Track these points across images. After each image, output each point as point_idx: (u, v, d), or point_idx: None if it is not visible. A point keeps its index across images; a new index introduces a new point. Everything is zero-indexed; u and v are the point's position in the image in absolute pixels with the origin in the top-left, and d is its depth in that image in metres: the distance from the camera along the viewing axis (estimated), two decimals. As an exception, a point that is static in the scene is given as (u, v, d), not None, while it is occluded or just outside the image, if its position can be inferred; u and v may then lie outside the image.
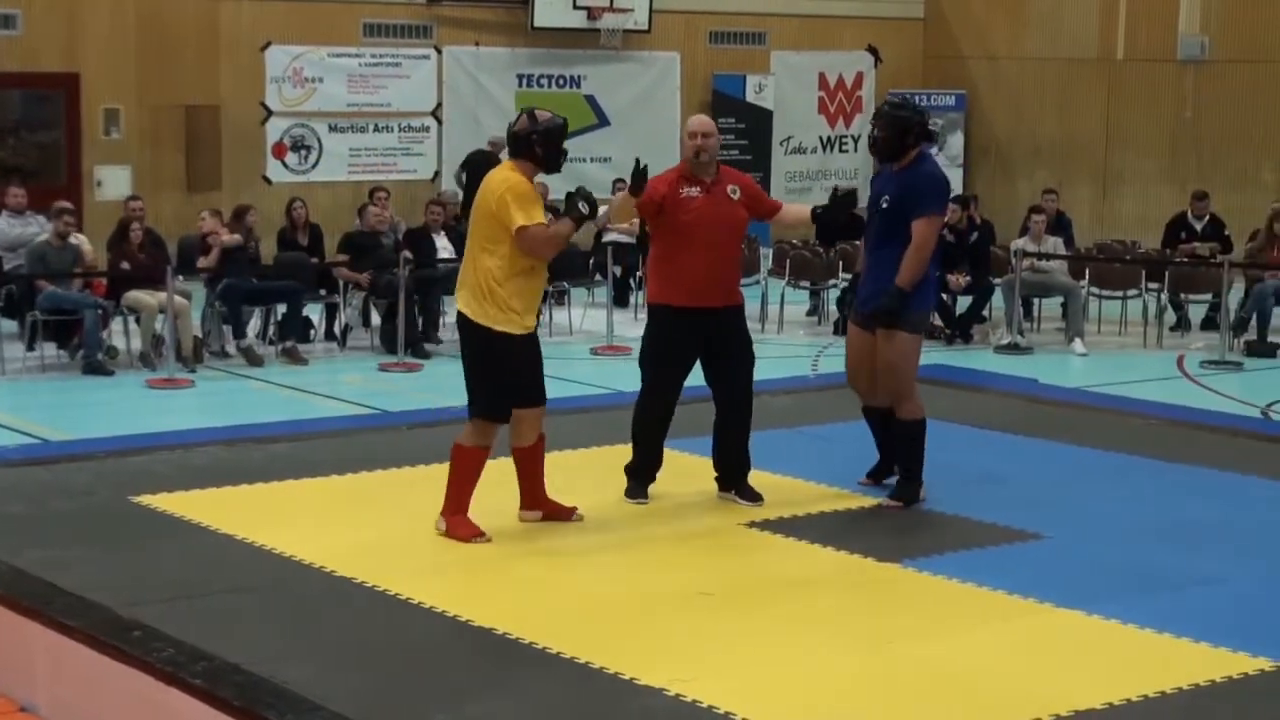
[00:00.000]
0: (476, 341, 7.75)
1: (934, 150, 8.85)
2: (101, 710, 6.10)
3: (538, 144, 7.91)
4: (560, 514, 8.04)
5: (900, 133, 8.43)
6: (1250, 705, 5.80)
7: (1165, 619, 6.53)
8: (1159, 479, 9.15)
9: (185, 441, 9.72)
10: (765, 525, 7.94)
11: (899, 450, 8.42)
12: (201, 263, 14.75)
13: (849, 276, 17.24)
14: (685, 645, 6.27)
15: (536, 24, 21.26)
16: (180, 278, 14.21)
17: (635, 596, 6.90)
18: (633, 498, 8.49)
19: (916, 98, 23.27)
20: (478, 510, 7.78)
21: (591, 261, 17.50)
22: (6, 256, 15.02)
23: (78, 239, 14.62)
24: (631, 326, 16.65)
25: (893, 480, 8.50)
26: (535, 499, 8.06)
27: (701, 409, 9.45)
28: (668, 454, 8.69)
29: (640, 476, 8.58)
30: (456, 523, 7.68)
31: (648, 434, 8.55)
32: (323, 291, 15.63)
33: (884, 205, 8.43)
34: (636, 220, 18.34)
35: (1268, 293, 15.85)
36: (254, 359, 14.22)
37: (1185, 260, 16.99)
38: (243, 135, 19.89)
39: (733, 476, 8.47)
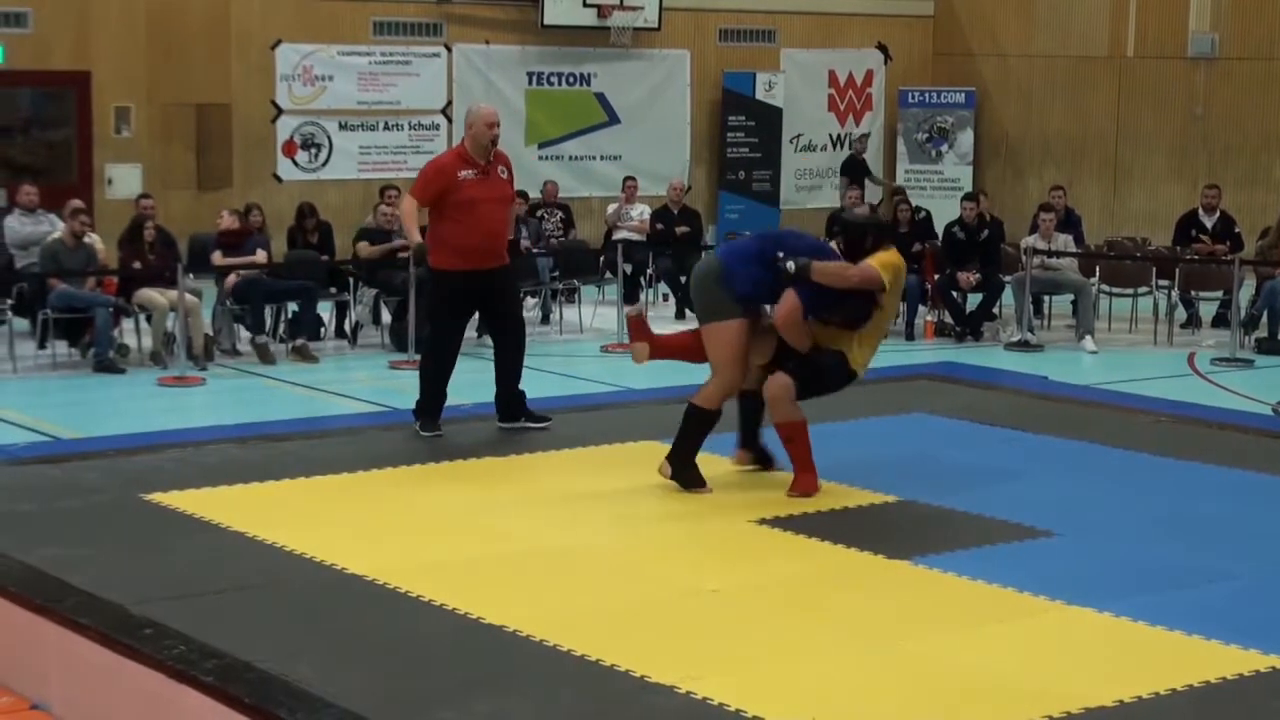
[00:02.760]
0: None
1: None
2: (113, 708, 6.11)
3: None
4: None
5: (859, 238, 8.57)
6: (1262, 703, 5.80)
7: (1176, 616, 6.53)
8: (1169, 476, 9.14)
9: (196, 439, 9.75)
10: (775, 522, 7.94)
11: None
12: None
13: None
14: (695, 643, 6.27)
15: (546, 22, 21.25)
16: (191, 276, 14.23)
17: (644, 594, 6.91)
18: (431, 431, 9.71)
19: (926, 95, 23.50)
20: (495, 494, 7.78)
21: (602, 259, 17.52)
22: (18, 255, 15.07)
23: (91, 238, 14.66)
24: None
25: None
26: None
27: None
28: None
29: (434, 413, 9.86)
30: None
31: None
32: (333, 289, 15.65)
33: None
34: (646, 219, 18.40)
35: (1278, 290, 15.83)
36: (266, 356, 14.24)
37: (1196, 258, 16.97)
38: (253, 133, 19.91)
39: (516, 408, 9.91)
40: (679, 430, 8.52)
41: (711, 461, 8.78)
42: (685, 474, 8.49)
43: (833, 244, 8.99)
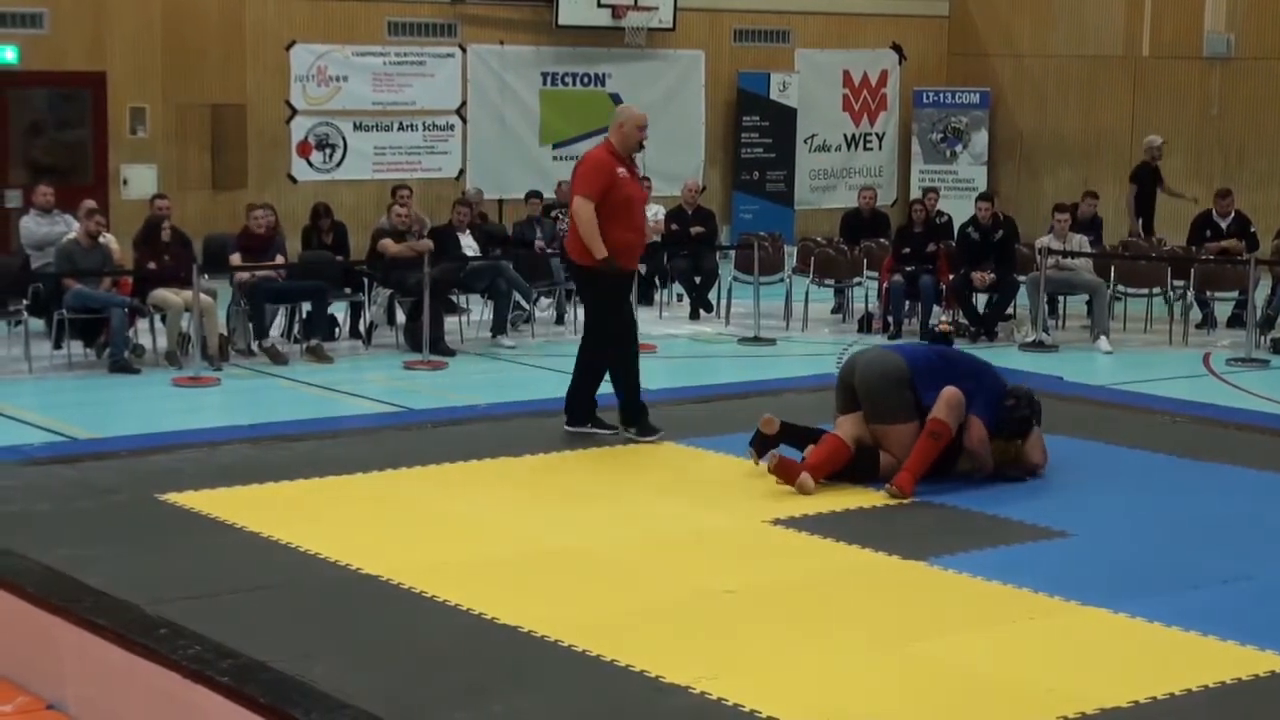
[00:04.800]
0: None
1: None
2: (128, 707, 6.12)
3: None
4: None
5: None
6: (1278, 704, 5.79)
7: (1191, 617, 6.51)
8: (1185, 477, 9.12)
9: (211, 440, 9.75)
10: (789, 523, 7.93)
11: None
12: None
13: (874, 275, 17.26)
14: (709, 643, 6.27)
15: (561, 22, 21.27)
16: (206, 276, 14.25)
17: (659, 594, 6.91)
18: (653, 437, 9.58)
19: (941, 95, 23.48)
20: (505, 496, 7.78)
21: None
22: (34, 255, 15.10)
23: (106, 238, 14.69)
24: (657, 324, 16.68)
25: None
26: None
27: (724, 407, 9.49)
28: (685, 450, 9.09)
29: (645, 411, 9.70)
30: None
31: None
32: (348, 290, 15.67)
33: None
34: (661, 220, 18.39)
35: (1294, 290, 15.81)
36: (278, 357, 14.26)
37: (1211, 258, 16.94)
38: (268, 134, 19.95)
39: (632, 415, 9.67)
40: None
41: (726, 463, 8.78)
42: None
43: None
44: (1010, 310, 16.53)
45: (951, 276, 16.46)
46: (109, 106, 19.04)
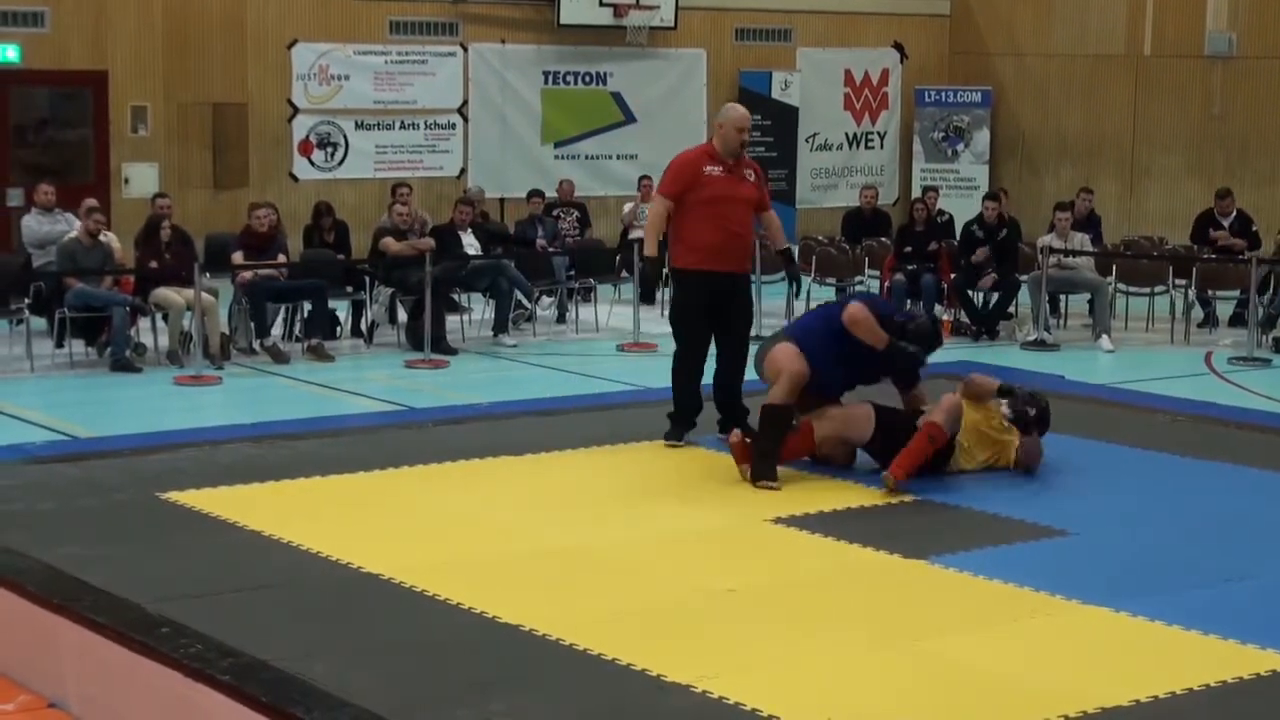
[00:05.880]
0: None
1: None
2: (130, 706, 6.13)
3: None
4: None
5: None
6: (1278, 703, 5.79)
7: (1193, 615, 6.51)
8: (1186, 475, 9.13)
9: (213, 438, 9.76)
10: (791, 521, 7.93)
11: None
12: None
13: (875, 273, 17.25)
14: (711, 642, 6.27)
15: (563, 21, 21.27)
16: (207, 275, 14.25)
17: (660, 593, 6.91)
18: (670, 440, 9.49)
19: (942, 94, 23.48)
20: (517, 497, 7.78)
21: (618, 258, 17.52)
22: (36, 254, 15.10)
23: (107, 237, 14.68)
24: (658, 323, 16.67)
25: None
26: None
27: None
28: (686, 449, 9.29)
29: (681, 422, 9.56)
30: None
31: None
32: (349, 288, 15.67)
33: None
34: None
35: (1296, 289, 15.81)
36: (279, 356, 14.27)
37: (1213, 255, 16.93)
38: (269, 132, 19.96)
39: (735, 419, 9.41)
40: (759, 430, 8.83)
41: (727, 461, 8.78)
42: (760, 465, 8.70)
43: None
44: (1011, 309, 16.52)
45: (953, 275, 16.46)
46: (110, 105, 19.04)
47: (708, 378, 9.69)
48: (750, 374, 9.53)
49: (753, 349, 9.50)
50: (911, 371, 9.06)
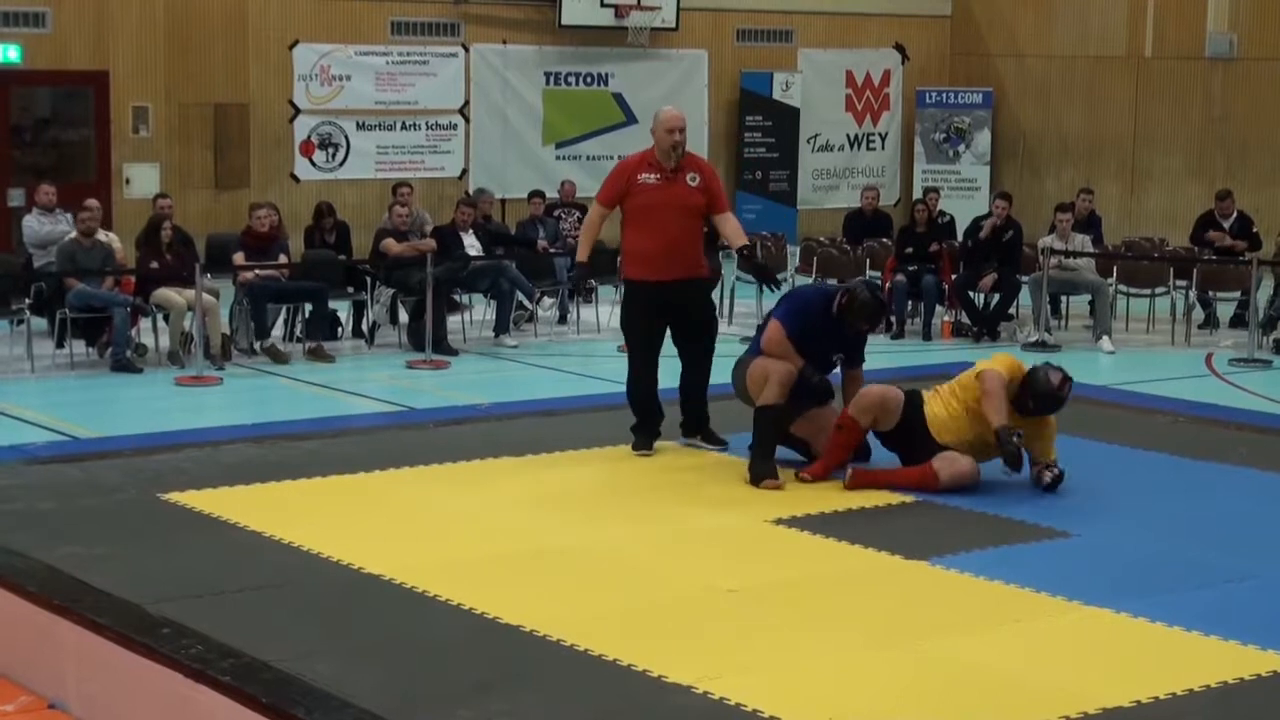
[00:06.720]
0: None
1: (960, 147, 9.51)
2: (130, 707, 6.13)
3: None
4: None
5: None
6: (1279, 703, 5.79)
7: (1193, 616, 6.52)
8: (1187, 477, 9.13)
9: (214, 439, 9.77)
10: (792, 522, 7.94)
11: None
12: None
13: (877, 274, 17.25)
14: (712, 642, 6.27)
15: (564, 22, 21.27)
16: (209, 276, 14.25)
17: (661, 594, 6.91)
18: (638, 450, 9.36)
19: (943, 95, 23.48)
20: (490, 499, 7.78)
21: (618, 259, 17.48)
22: (36, 254, 15.09)
23: (108, 237, 14.67)
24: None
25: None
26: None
27: (726, 407, 9.49)
28: (686, 450, 9.33)
29: (643, 431, 9.43)
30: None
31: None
32: (350, 289, 15.67)
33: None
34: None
35: (1297, 290, 15.80)
36: (278, 357, 14.26)
37: (1213, 258, 16.92)
38: (271, 133, 19.95)
39: (695, 422, 9.48)
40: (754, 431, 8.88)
41: (728, 462, 8.79)
42: (760, 466, 8.74)
43: None
44: (1012, 310, 16.52)
45: (954, 276, 16.46)
46: (112, 105, 19.04)
47: (672, 381, 9.62)
48: (720, 379, 9.51)
49: (727, 361, 9.44)
50: (858, 349, 9.14)
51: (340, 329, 15.66)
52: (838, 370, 9.13)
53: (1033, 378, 8.71)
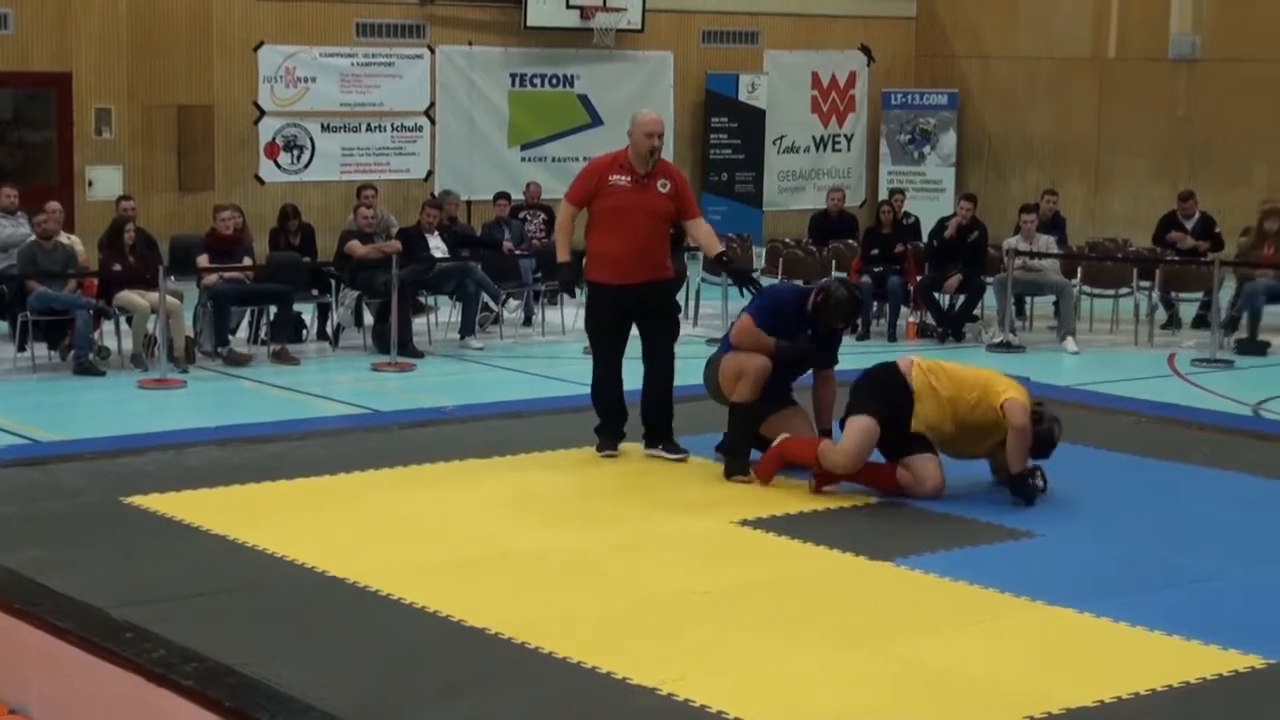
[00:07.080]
0: None
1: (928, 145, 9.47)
2: (93, 711, 6.10)
3: None
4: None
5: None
6: (1240, 703, 5.81)
7: (1156, 617, 6.54)
8: (1150, 477, 9.16)
9: (177, 442, 9.72)
10: (757, 524, 7.94)
11: None
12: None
13: (842, 275, 17.27)
14: (677, 644, 6.27)
15: (529, 23, 21.26)
16: (172, 278, 14.20)
17: (626, 596, 6.91)
18: (603, 451, 9.35)
19: (909, 96, 23.53)
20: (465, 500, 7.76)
21: (584, 261, 17.47)
22: (-2, 257, 15.01)
23: (69, 239, 14.60)
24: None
25: None
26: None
27: (692, 409, 9.50)
28: (653, 452, 9.31)
29: (607, 432, 9.40)
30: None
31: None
32: (315, 291, 15.63)
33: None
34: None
35: (1258, 291, 15.88)
36: (239, 360, 14.20)
37: (1176, 259, 17.00)
38: (235, 135, 19.89)
39: (657, 433, 9.33)
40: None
41: (694, 465, 8.79)
42: (733, 462, 8.81)
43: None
44: (977, 311, 16.57)
45: (919, 278, 16.50)
46: (74, 107, 18.95)
47: (636, 383, 9.54)
48: (687, 380, 9.50)
49: (694, 364, 9.42)
50: (831, 350, 9.10)
51: (305, 331, 15.62)
52: (809, 373, 9.13)
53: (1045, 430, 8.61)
